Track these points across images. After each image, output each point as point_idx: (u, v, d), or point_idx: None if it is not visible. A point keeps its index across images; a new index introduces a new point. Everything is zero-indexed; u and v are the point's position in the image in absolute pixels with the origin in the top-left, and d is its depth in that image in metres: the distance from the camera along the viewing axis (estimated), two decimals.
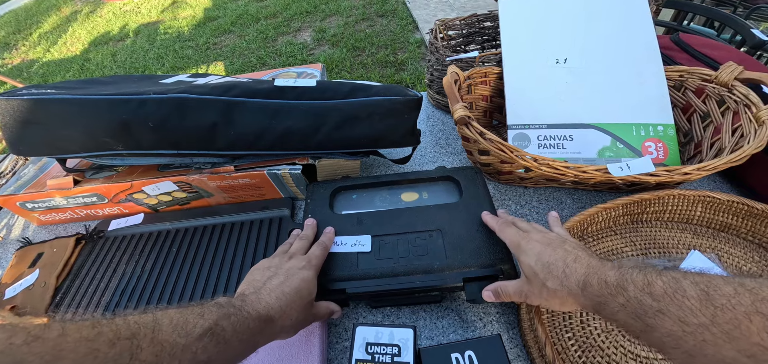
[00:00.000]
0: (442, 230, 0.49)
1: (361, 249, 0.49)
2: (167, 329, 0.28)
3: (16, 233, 0.73)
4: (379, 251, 0.48)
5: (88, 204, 0.65)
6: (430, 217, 0.52)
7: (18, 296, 0.58)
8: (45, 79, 3.09)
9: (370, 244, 0.49)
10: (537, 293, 0.38)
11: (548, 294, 0.36)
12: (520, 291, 0.40)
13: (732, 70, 0.56)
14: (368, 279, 0.46)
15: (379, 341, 0.38)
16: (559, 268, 0.35)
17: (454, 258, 0.46)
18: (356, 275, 0.47)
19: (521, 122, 0.63)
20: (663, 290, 0.27)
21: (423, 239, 0.49)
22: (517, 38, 0.67)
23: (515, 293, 0.40)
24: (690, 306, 0.25)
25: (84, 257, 0.62)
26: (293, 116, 0.53)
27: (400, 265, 0.47)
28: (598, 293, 0.31)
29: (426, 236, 0.49)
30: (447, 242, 0.48)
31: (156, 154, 0.55)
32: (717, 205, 0.52)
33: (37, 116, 0.50)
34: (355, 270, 0.47)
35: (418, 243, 0.49)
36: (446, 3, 3.13)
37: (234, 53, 2.95)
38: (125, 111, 0.49)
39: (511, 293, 0.41)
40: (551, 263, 0.36)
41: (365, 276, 0.46)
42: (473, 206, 0.52)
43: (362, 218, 0.53)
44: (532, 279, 0.38)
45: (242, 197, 0.65)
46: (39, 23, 4.28)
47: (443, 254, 0.47)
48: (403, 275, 0.46)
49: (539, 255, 0.38)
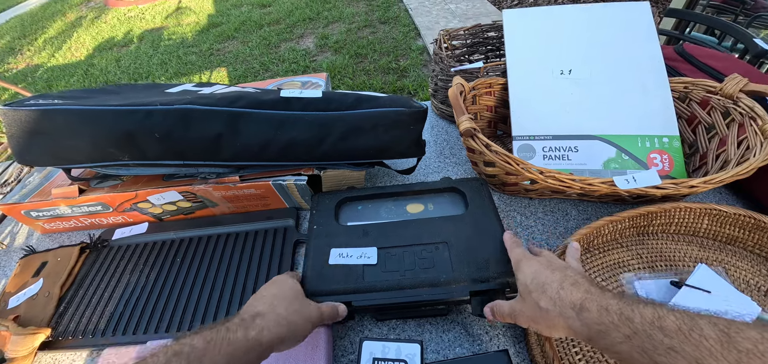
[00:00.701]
0: (448, 243, 0.49)
1: (367, 262, 0.48)
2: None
3: (19, 241, 0.73)
4: (385, 263, 0.48)
5: (92, 213, 0.65)
6: (436, 229, 0.51)
7: (21, 306, 0.58)
8: (49, 83, 3.11)
9: (376, 256, 0.49)
10: (528, 313, 0.36)
11: (539, 315, 0.35)
12: (512, 310, 0.38)
13: (737, 82, 0.56)
14: (374, 292, 0.46)
15: (386, 356, 0.38)
16: (554, 288, 0.34)
17: (461, 271, 0.46)
18: (362, 287, 0.46)
19: (526, 133, 0.63)
20: (677, 326, 0.25)
21: (429, 251, 0.49)
22: (522, 49, 0.67)
23: (508, 313, 0.39)
24: (708, 347, 0.23)
25: (88, 266, 0.62)
26: (299, 127, 0.53)
27: (406, 278, 0.46)
28: (598, 321, 0.30)
29: (432, 248, 0.49)
30: (453, 255, 0.48)
31: (161, 165, 0.55)
32: (724, 218, 0.52)
33: (44, 127, 0.51)
34: (361, 283, 0.47)
35: (424, 255, 0.48)
36: (448, 10, 3.15)
37: (237, 59, 2.96)
38: (131, 122, 0.49)
39: (505, 313, 0.39)
40: (546, 283, 0.35)
41: (371, 289, 0.46)
42: (479, 217, 0.52)
43: (368, 229, 0.53)
44: (525, 297, 0.37)
45: (247, 207, 0.65)
46: (44, 28, 4.31)
47: (449, 267, 0.46)
48: (409, 287, 0.45)
49: (536, 274, 0.37)
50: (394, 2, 3.49)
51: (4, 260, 0.70)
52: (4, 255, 0.71)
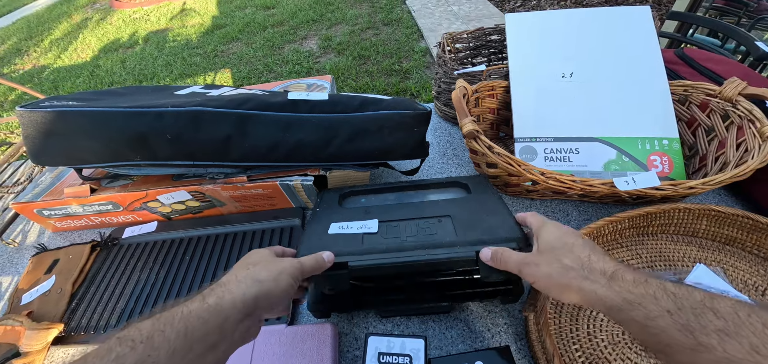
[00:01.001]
0: (452, 216, 0.47)
1: (367, 231, 0.46)
2: None
3: (31, 239, 0.75)
4: (386, 231, 0.46)
5: (103, 212, 0.67)
6: (440, 207, 0.50)
7: (34, 302, 0.59)
8: (55, 84, 3.14)
9: (377, 227, 0.47)
10: (544, 268, 0.34)
11: (556, 271, 0.33)
12: (522, 261, 0.36)
13: (736, 85, 0.57)
14: (373, 254, 0.42)
15: (391, 351, 0.39)
16: (584, 252, 0.33)
17: (465, 236, 0.43)
18: (360, 250, 0.43)
19: (528, 135, 0.64)
20: (732, 310, 0.24)
21: (432, 223, 0.46)
22: (524, 53, 0.68)
23: (515, 262, 0.37)
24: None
25: (99, 263, 0.64)
26: (306, 129, 0.54)
27: (407, 242, 0.44)
28: (633, 291, 0.28)
29: (435, 220, 0.47)
30: (457, 225, 0.45)
31: (172, 165, 0.57)
32: (722, 218, 0.53)
33: (59, 128, 0.52)
34: (359, 247, 0.44)
35: (426, 226, 0.46)
36: (451, 12, 3.16)
37: (241, 61, 2.98)
38: (144, 123, 0.51)
39: (511, 261, 0.37)
40: (575, 245, 0.34)
41: (371, 251, 0.43)
42: (484, 197, 0.52)
43: (370, 209, 0.52)
44: (544, 252, 0.35)
45: (254, 207, 0.66)
46: (50, 30, 4.36)
47: (453, 233, 0.44)
48: (411, 249, 0.42)
49: (564, 235, 0.36)
50: (397, 4, 3.51)
51: (16, 258, 0.71)
52: (16, 253, 0.73)
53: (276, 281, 0.35)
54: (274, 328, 0.48)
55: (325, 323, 0.48)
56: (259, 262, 0.37)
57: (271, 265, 0.36)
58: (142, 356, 0.26)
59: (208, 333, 0.29)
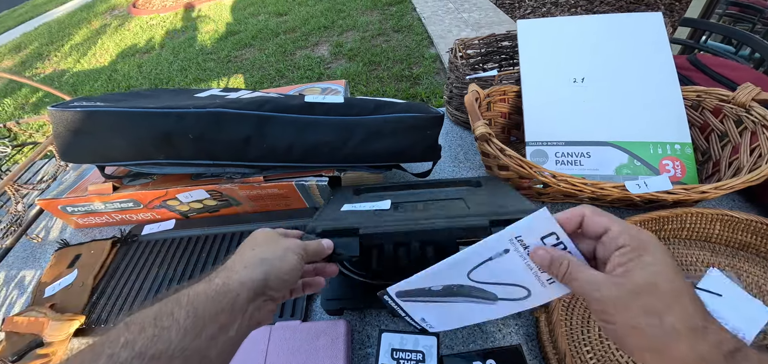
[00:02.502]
0: (465, 199, 0.48)
1: (380, 208, 0.46)
2: None
3: (53, 235, 0.78)
4: (398, 208, 0.47)
5: (123, 209, 0.69)
6: (453, 194, 0.52)
7: (57, 295, 0.62)
8: (75, 87, 3.23)
9: (389, 205, 0.47)
10: (631, 318, 0.25)
11: (650, 330, 0.24)
12: (595, 289, 0.26)
13: (749, 91, 0.57)
14: (385, 223, 0.42)
15: (404, 347, 0.40)
16: (697, 308, 0.24)
17: (478, 210, 0.42)
18: (372, 221, 0.42)
19: (539, 139, 0.65)
20: None
21: (445, 203, 0.48)
22: (536, 58, 0.69)
23: (588, 282, 0.27)
24: None
25: (119, 259, 0.66)
26: (322, 131, 0.55)
27: (418, 215, 0.43)
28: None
29: (447, 201, 0.49)
30: (470, 203, 0.45)
31: (193, 164, 0.59)
32: (736, 223, 0.53)
33: (88, 127, 0.55)
34: (371, 219, 0.43)
35: (438, 205, 0.47)
36: (461, 19, 3.18)
37: (254, 66, 3.04)
38: (168, 123, 0.53)
39: (582, 279, 0.27)
40: (683, 293, 0.25)
41: (381, 223, 0.42)
42: (497, 189, 0.53)
43: (384, 196, 0.53)
44: (641, 293, 0.25)
45: (269, 206, 0.68)
46: (70, 35, 4.50)
47: (466, 208, 0.44)
48: (423, 220, 0.41)
49: (674, 273, 0.25)
50: (408, 11, 3.53)
51: (39, 253, 0.74)
52: (39, 248, 0.75)
53: (282, 259, 0.34)
54: (289, 324, 0.49)
55: (339, 319, 0.49)
56: (264, 242, 0.36)
57: (275, 244, 0.36)
58: (150, 338, 0.25)
59: (218, 313, 0.28)
